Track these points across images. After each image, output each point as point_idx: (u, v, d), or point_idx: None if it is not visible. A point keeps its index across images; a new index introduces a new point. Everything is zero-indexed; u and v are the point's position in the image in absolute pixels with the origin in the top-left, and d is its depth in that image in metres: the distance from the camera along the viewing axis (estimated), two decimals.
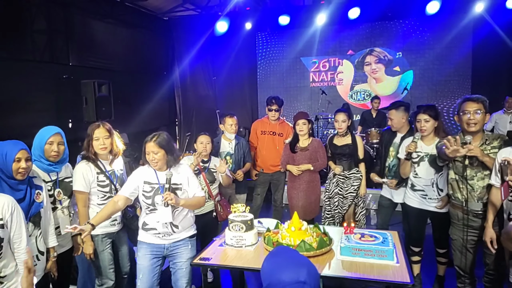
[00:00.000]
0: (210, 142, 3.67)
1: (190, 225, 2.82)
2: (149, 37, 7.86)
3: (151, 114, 7.36)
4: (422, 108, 3.19)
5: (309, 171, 3.91)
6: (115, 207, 2.66)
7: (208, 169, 3.68)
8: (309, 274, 1.25)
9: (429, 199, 3.20)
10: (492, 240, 2.62)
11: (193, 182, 2.79)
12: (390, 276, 2.25)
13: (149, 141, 2.65)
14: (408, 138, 3.33)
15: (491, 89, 6.90)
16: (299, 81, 8.77)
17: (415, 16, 7.61)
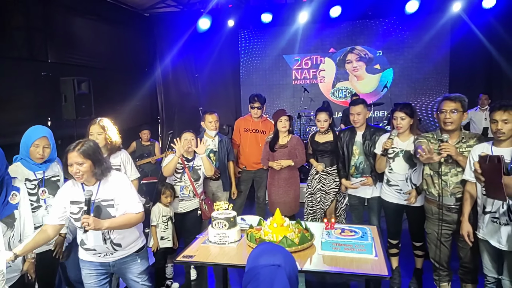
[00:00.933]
0: (195, 138, 3.67)
1: (135, 239, 2.53)
2: (130, 34, 7.76)
3: (132, 112, 7.28)
4: (398, 106, 3.28)
5: (289, 168, 3.97)
6: (44, 237, 2.33)
7: (192, 167, 3.68)
8: (285, 259, 1.32)
9: (404, 193, 3.30)
10: (469, 234, 2.73)
11: (126, 196, 2.39)
12: (369, 270, 2.31)
13: (71, 151, 2.25)
14: (385, 134, 3.43)
15: (468, 87, 7.12)
16: (281, 78, 8.83)
17: (395, 15, 7.76)
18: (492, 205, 2.57)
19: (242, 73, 8.95)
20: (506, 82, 7.06)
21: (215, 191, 4.18)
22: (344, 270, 2.35)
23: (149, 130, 5.97)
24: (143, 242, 2.63)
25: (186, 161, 3.69)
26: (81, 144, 2.29)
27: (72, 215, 2.36)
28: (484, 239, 2.65)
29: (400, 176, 3.29)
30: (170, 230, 3.64)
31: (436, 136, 2.96)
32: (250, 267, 1.33)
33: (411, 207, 3.29)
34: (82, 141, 2.33)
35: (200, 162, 3.70)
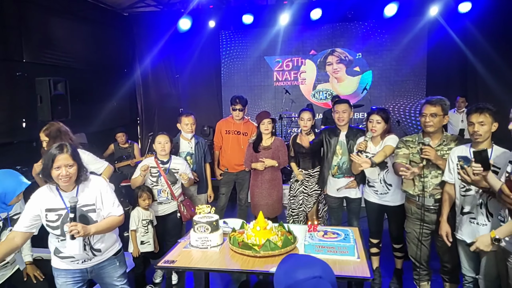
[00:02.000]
0: (169, 141, 3.63)
1: (113, 242, 2.52)
2: (109, 33, 7.59)
3: (111, 113, 7.13)
4: (375, 110, 3.34)
5: (272, 169, 3.97)
6: (11, 245, 2.23)
7: (168, 170, 3.63)
8: (324, 270, 1.24)
9: (380, 194, 3.36)
10: (447, 234, 2.78)
11: (107, 199, 2.37)
12: (352, 272, 2.32)
13: (60, 153, 2.18)
14: (361, 137, 3.48)
15: (445, 89, 7.27)
16: (263, 80, 8.83)
17: (374, 18, 7.87)
18: (470, 206, 2.62)
19: (223, 74, 8.90)
20: (481, 85, 7.27)
21: (193, 193, 4.13)
22: None
23: (124, 132, 5.86)
24: (120, 245, 2.60)
25: (161, 164, 3.64)
26: (66, 147, 2.23)
27: (49, 223, 2.26)
28: (462, 239, 2.71)
29: (374, 178, 3.35)
30: (150, 234, 3.58)
31: (418, 139, 3.02)
32: (289, 284, 1.21)
33: (390, 207, 3.35)
34: (64, 144, 2.26)
35: (178, 166, 3.65)
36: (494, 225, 2.50)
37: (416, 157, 2.99)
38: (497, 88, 6.80)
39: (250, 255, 2.53)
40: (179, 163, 3.70)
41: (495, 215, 2.50)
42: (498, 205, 2.45)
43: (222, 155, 4.61)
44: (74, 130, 2.96)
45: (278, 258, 2.51)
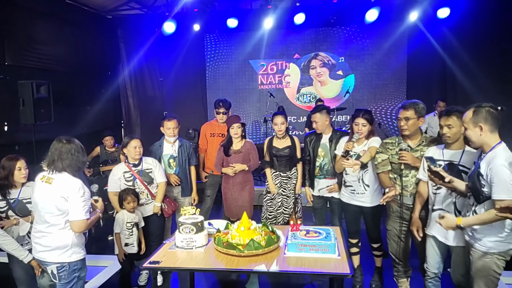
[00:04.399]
0: (141, 145, 3.69)
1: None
2: (92, 36, 7.55)
3: (94, 116, 7.09)
4: (360, 112, 3.43)
5: (243, 172, 4.01)
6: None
7: (142, 171, 3.67)
8: None
9: (357, 194, 3.46)
10: (418, 229, 2.91)
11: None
12: (332, 269, 2.41)
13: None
14: (345, 137, 3.58)
15: (424, 93, 7.52)
16: (247, 83, 8.90)
17: (356, 23, 8.05)
18: (441, 203, 2.76)
19: (208, 77, 8.95)
20: (460, 89, 7.51)
21: (177, 196, 4.16)
22: (309, 270, 2.43)
23: (112, 136, 5.83)
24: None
25: (133, 167, 3.68)
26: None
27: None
28: (432, 235, 2.84)
29: (353, 177, 3.45)
30: (135, 236, 3.59)
31: (397, 140, 3.15)
32: None
33: (367, 208, 3.45)
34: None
35: (150, 166, 3.71)
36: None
37: (395, 158, 3.11)
38: (474, 92, 7.03)
39: (235, 255, 2.58)
40: (150, 162, 3.75)
41: (463, 212, 2.63)
42: (465, 203, 2.59)
43: (207, 158, 4.65)
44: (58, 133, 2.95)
45: (262, 257, 2.58)
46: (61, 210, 2.50)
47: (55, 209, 2.51)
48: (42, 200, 2.55)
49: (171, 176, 4.06)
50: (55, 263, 2.55)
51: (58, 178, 2.54)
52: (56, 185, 2.53)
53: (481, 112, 2.32)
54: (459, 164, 2.65)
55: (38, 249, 2.60)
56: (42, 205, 2.54)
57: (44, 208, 2.53)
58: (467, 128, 2.38)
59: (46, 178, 2.57)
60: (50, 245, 2.55)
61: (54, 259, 2.55)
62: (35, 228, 2.63)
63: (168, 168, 4.10)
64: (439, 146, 2.86)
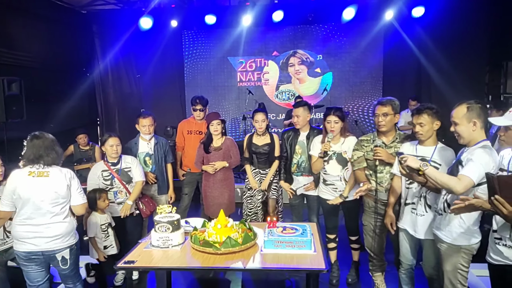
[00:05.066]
0: (120, 143, 3.65)
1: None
2: (66, 32, 7.34)
3: (69, 113, 6.91)
4: (331, 110, 3.46)
5: (223, 169, 4.00)
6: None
7: (121, 170, 3.63)
8: None
9: (339, 191, 3.51)
10: (391, 223, 2.99)
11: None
12: (308, 264, 2.44)
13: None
14: (318, 136, 3.61)
15: (400, 91, 7.65)
16: (226, 80, 8.87)
17: (333, 21, 8.13)
18: (412, 198, 2.84)
19: (186, 74, 8.86)
20: (434, 87, 7.70)
21: (153, 194, 4.12)
22: (285, 266, 2.45)
23: (86, 134, 5.70)
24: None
25: (112, 166, 3.62)
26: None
27: None
28: (404, 228, 2.92)
29: (335, 176, 3.49)
30: (111, 237, 3.54)
31: (372, 137, 3.21)
32: None
33: (346, 202, 3.50)
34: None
35: (129, 165, 3.67)
36: (431, 216, 2.73)
37: (370, 155, 3.18)
38: (448, 90, 7.22)
39: (211, 253, 2.58)
40: (129, 161, 3.71)
41: (433, 206, 2.72)
42: (435, 198, 2.68)
43: (185, 156, 4.62)
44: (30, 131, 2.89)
45: (239, 254, 2.58)
46: (65, 197, 2.75)
47: (59, 198, 2.72)
48: (41, 193, 2.67)
49: (147, 174, 4.01)
50: (65, 248, 2.77)
51: (53, 170, 2.73)
52: (54, 176, 2.72)
53: (475, 108, 2.38)
54: (431, 160, 2.72)
55: (45, 241, 2.70)
56: (41, 198, 2.67)
57: (45, 200, 2.68)
58: (459, 124, 2.42)
59: (37, 172, 2.69)
60: (60, 233, 2.74)
61: (64, 245, 2.76)
62: (32, 222, 2.69)
63: (144, 166, 4.05)
64: (413, 142, 2.93)
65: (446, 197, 2.52)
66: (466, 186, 2.24)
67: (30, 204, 2.67)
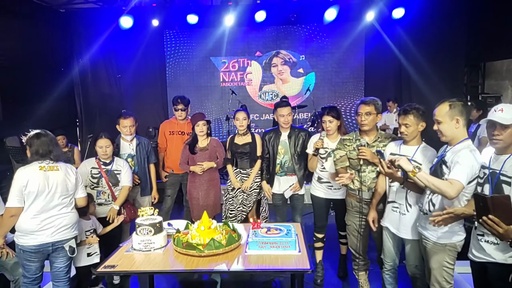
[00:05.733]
0: (111, 144, 3.58)
1: None
2: (44, 30, 7.13)
3: (47, 114, 6.71)
4: (325, 110, 3.50)
5: (209, 170, 3.96)
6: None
7: (110, 171, 3.55)
8: None
9: (334, 189, 3.54)
10: (374, 220, 3.01)
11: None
12: (293, 265, 2.42)
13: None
14: (315, 135, 3.64)
15: (381, 91, 7.74)
16: (209, 80, 8.79)
17: (316, 22, 8.16)
18: (394, 196, 2.86)
19: (168, 75, 8.74)
20: (414, 87, 7.82)
21: (136, 196, 4.04)
22: (270, 267, 2.43)
23: (64, 135, 5.54)
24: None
25: (103, 165, 3.55)
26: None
27: None
28: (386, 226, 2.95)
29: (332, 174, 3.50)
30: (95, 244, 3.40)
31: (355, 136, 3.22)
32: None
33: (338, 199, 3.54)
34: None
35: (120, 168, 3.58)
36: (413, 215, 2.75)
37: (353, 154, 3.19)
38: (428, 90, 7.35)
39: (195, 255, 2.53)
40: (121, 164, 3.65)
41: (413, 205, 2.75)
42: (416, 197, 2.71)
43: (167, 157, 4.55)
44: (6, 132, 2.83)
45: (223, 256, 2.55)
46: (73, 190, 2.95)
47: (69, 191, 2.93)
48: (53, 185, 2.84)
49: None
50: (72, 238, 2.95)
51: (61, 165, 2.92)
52: (64, 170, 2.91)
53: (458, 106, 2.41)
54: (412, 159, 2.75)
55: (54, 232, 2.85)
56: (54, 189, 2.84)
57: (57, 192, 2.86)
58: (442, 122, 2.44)
59: (48, 167, 2.84)
60: (69, 223, 2.92)
61: (72, 235, 2.95)
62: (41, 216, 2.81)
63: None
64: (397, 142, 2.96)
65: (430, 197, 2.54)
66: (458, 190, 2.27)
67: (43, 197, 2.81)
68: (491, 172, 2.25)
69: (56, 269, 2.96)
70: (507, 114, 2.17)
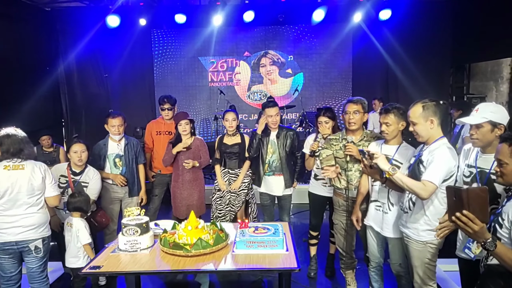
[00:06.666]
0: (86, 150, 3.49)
1: None
2: (29, 29, 7.01)
3: (32, 114, 6.60)
4: (321, 111, 3.54)
5: (193, 169, 3.93)
6: None
7: (78, 182, 3.47)
8: None
9: (329, 186, 3.56)
10: (357, 219, 3.04)
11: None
12: (280, 264, 2.41)
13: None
14: (311, 135, 3.72)
15: (368, 92, 7.82)
16: (197, 80, 8.76)
17: (304, 23, 8.21)
18: (377, 195, 2.89)
19: (156, 74, 8.68)
20: (401, 88, 7.94)
21: (123, 197, 3.99)
22: (257, 266, 2.42)
23: (49, 135, 5.45)
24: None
25: (73, 175, 3.47)
26: None
27: None
28: (370, 225, 2.97)
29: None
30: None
31: (341, 136, 3.24)
32: None
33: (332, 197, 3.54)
34: None
35: (88, 180, 3.50)
36: (395, 214, 2.77)
37: (339, 153, 3.20)
38: (414, 91, 7.45)
39: (181, 255, 2.51)
40: (90, 176, 3.52)
41: (395, 204, 2.78)
42: (398, 196, 2.74)
43: (154, 157, 4.50)
44: None
45: (210, 256, 2.53)
46: (40, 189, 2.88)
47: (35, 190, 2.86)
48: (17, 185, 2.80)
49: (117, 176, 3.88)
50: (39, 238, 2.89)
51: (28, 164, 2.86)
52: (30, 169, 2.85)
53: (431, 106, 2.44)
54: (392, 158, 2.78)
55: (19, 231, 2.82)
56: (18, 189, 2.80)
57: (21, 191, 2.81)
58: (416, 123, 2.47)
59: (12, 166, 2.81)
60: (34, 224, 2.87)
61: (38, 235, 2.89)
62: (9, 213, 2.80)
63: (114, 168, 3.91)
64: (378, 141, 2.99)
65: (410, 196, 2.57)
66: (431, 192, 2.35)
67: (6, 197, 2.78)
68: (479, 171, 2.29)
69: (30, 270, 2.94)
70: (479, 114, 2.24)
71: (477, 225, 1.71)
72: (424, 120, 2.45)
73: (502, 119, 2.23)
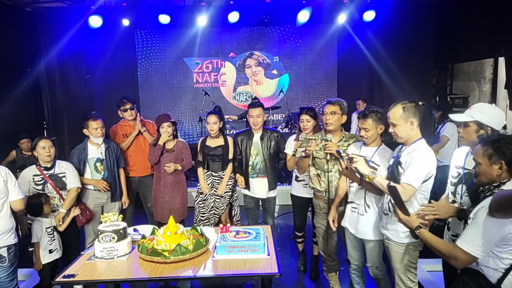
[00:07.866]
0: (53, 145, 3.45)
1: None
2: (9, 30, 6.83)
3: (12, 116, 6.45)
4: (304, 110, 3.58)
5: (175, 172, 3.88)
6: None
7: (54, 175, 3.42)
8: None
9: (309, 187, 3.52)
10: (334, 220, 3.02)
11: None
12: (261, 269, 2.38)
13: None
14: (292, 136, 3.73)
15: (353, 93, 7.86)
16: (182, 81, 8.67)
17: (289, 23, 8.19)
18: (353, 197, 2.88)
19: (140, 75, 8.56)
20: (385, 89, 7.97)
21: (106, 202, 3.90)
22: (238, 272, 2.38)
23: (29, 138, 5.32)
24: None
25: (45, 170, 3.41)
26: None
27: None
28: (346, 227, 2.97)
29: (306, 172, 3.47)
30: (57, 240, 3.38)
31: (320, 136, 3.23)
32: None
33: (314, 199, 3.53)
34: None
35: (64, 170, 3.47)
36: (371, 216, 2.77)
37: (319, 154, 3.20)
38: (398, 92, 7.49)
39: (160, 262, 2.45)
40: (64, 166, 3.52)
41: (372, 206, 2.78)
42: (375, 198, 2.74)
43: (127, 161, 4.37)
44: None
45: (189, 262, 2.48)
46: (3, 193, 2.78)
47: None
48: None
49: (99, 182, 3.79)
50: (5, 246, 2.80)
51: None
52: None
53: (410, 108, 2.45)
54: (370, 160, 2.77)
55: None
56: None
57: None
58: (397, 125, 2.47)
59: None
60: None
61: (3, 243, 2.79)
62: None
63: (95, 172, 3.82)
64: (357, 144, 2.99)
65: (390, 197, 2.56)
66: (411, 195, 2.37)
67: None
68: (465, 173, 2.29)
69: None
70: (468, 112, 2.27)
71: (399, 216, 2.10)
72: (404, 122, 2.45)
73: (492, 122, 2.20)
